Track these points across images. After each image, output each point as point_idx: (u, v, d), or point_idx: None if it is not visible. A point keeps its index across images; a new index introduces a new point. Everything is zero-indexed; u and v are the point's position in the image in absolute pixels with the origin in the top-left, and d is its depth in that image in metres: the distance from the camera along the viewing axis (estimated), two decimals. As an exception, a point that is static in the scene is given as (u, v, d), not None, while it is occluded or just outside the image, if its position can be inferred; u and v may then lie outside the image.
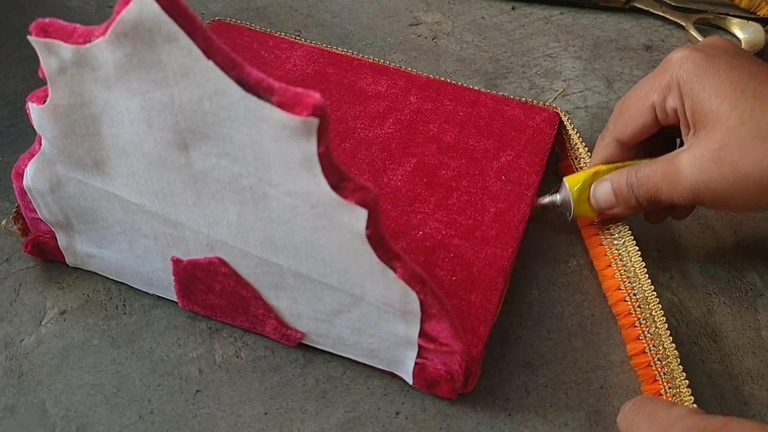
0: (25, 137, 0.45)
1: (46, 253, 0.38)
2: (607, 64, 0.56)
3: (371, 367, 0.36)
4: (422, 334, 0.32)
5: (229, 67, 0.25)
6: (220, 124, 0.27)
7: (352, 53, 0.49)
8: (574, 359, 0.37)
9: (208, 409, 0.34)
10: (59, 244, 0.37)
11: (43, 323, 0.37)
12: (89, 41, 0.27)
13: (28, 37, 0.28)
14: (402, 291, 0.30)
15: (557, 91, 0.53)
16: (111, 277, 0.38)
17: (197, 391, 0.35)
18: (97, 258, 0.37)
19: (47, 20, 0.28)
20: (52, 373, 0.35)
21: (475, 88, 0.47)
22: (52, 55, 0.28)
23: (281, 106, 0.25)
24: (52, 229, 0.36)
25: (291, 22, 0.57)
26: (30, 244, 0.38)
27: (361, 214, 0.27)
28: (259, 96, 0.25)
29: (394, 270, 0.29)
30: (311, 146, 0.26)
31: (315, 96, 0.24)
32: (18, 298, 0.37)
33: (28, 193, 0.35)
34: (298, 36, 0.52)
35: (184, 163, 0.29)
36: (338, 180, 0.27)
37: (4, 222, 0.38)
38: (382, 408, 0.35)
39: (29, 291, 0.38)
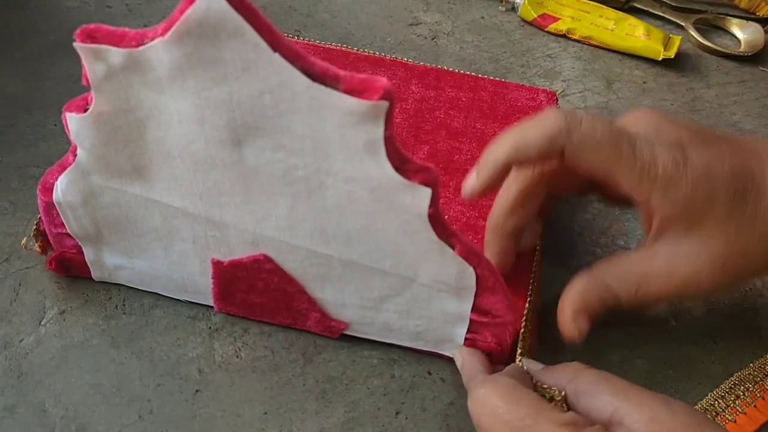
0: (24, 137, 0.45)
1: (71, 269, 0.38)
2: (607, 65, 0.56)
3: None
4: (475, 308, 0.33)
5: (294, 58, 0.26)
6: (279, 116, 0.27)
7: (348, 47, 0.49)
8: (573, 360, 0.37)
9: (208, 409, 0.34)
10: (86, 258, 0.37)
11: (42, 323, 0.37)
12: (143, 44, 0.27)
13: (75, 44, 0.27)
14: (459, 267, 0.31)
15: (557, 91, 0.53)
16: (139, 288, 0.38)
17: (197, 391, 0.35)
18: (126, 269, 0.37)
19: (92, 26, 0.27)
20: (52, 373, 0.35)
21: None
22: (99, 61, 0.28)
23: (349, 92, 0.26)
24: (79, 244, 0.36)
25: (291, 22, 0.57)
26: (54, 261, 0.37)
27: (425, 194, 0.28)
28: (326, 84, 0.26)
29: (453, 247, 0.30)
30: (378, 130, 0.26)
31: (383, 80, 0.25)
32: (18, 297, 0.37)
33: (57, 208, 0.34)
34: (298, 36, 0.52)
35: (235, 161, 0.30)
36: (401, 162, 0.28)
37: (24, 240, 0.37)
38: (382, 408, 0.35)
39: (29, 291, 0.38)
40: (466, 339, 0.35)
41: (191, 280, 0.36)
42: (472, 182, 0.34)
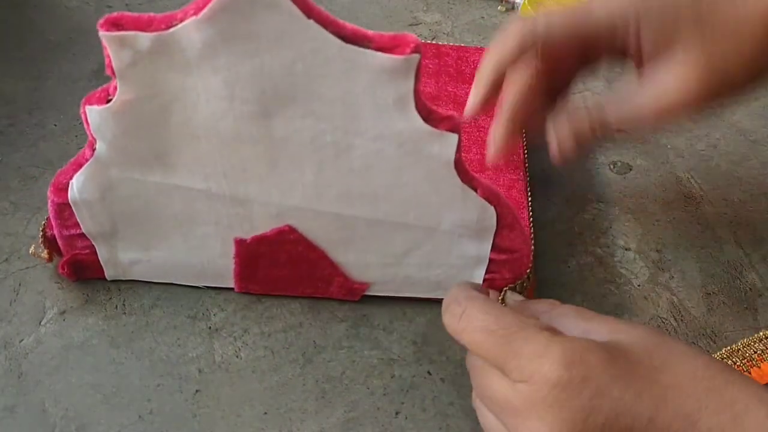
0: (24, 137, 0.45)
1: (83, 271, 0.38)
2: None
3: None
4: (494, 247, 0.35)
5: (327, 23, 0.27)
6: (310, 83, 0.28)
7: None
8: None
9: (208, 408, 0.34)
10: (99, 257, 0.37)
11: (42, 323, 0.37)
12: (172, 26, 0.27)
13: (100, 33, 0.28)
14: (481, 209, 0.33)
15: (557, 91, 0.53)
16: (155, 281, 0.38)
17: (197, 391, 0.35)
18: (142, 263, 0.37)
19: (116, 15, 0.28)
20: (52, 373, 0.35)
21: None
22: (125, 48, 0.28)
23: (381, 50, 0.27)
24: (92, 244, 0.36)
25: (291, 22, 0.57)
26: (66, 265, 0.37)
27: (452, 140, 0.30)
28: (358, 44, 0.27)
29: (475, 189, 0.32)
30: (409, 83, 0.28)
31: (412, 36, 0.27)
32: (18, 298, 0.37)
33: (71, 207, 0.34)
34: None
35: (263, 134, 0.31)
36: (427, 113, 0.29)
37: (32, 248, 0.37)
38: (382, 408, 0.35)
39: (29, 291, 0.38)
40: (484, 280, 0.36)
41: (211, 263, 0.37)
42: (471, 100, 0.37)
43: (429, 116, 0.29)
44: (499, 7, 0.60)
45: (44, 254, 0.37)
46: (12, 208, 0.41)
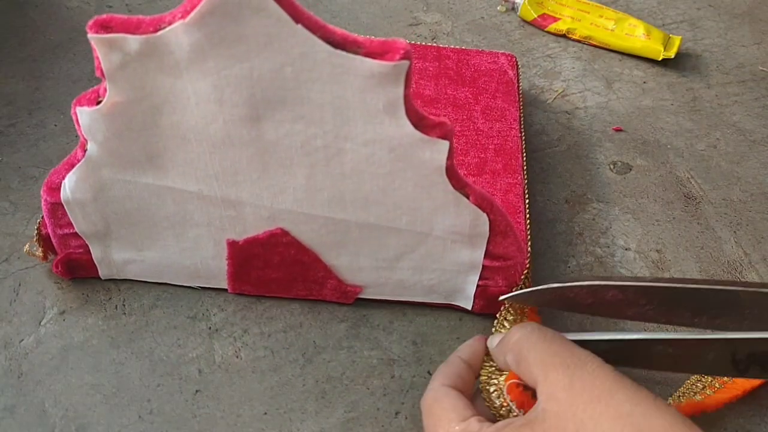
0: (24, 137, 0.45)
1: (77, 270, 0.38)
2: (607, 65, 0.56)
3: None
4: (488, 254, 0.35)
5: (315, 28, 0.27)
6: (300, 87, 0.28)
7: None
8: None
9: (208, 409, 0.34)
10: (93, 256, 0.37)
11: (42, 323, 0.37)
12: (160, 29, 0.27)
13: (89, 36, 0.28)
14: (474, 215, 0.32)
15: (557, 91, 0.53)
16: (149, 280, 0.38)
17: (197, 391, 0.35)
18: (135, 263, 0.37)
19: (105, 16, 0.28)
20: (52, 373, 0.35)
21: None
22: (114, 50, 0.28)
23: (370, 56, 0.27)
24: (86, 243, 0.36)
25: (291, 23, 0.57)
26: (60, 264, 0.37)
27: (443, 147, 0.30)
28: (347, 50, 0.27)
29: (467, 196, 0.32)
30: (398, 90, 0.27)
31: (402, 42, 0.26)
32: (17, 298, 0.37)
33: (64, 207, 0.34)
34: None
35: (254, 137, 0.30)
36: (418, 119, 0.29)
37: (27, 247, 0.37)
38: (382, 408, 0.35)
39: (29, 291, 0.38)
40: (477, 286, 0.36)
41: (204, 264, 0.37)
42: None
43: (420, 122, 0.29)
44: (498, 7, 0.60)
45: (39, 252, 0.37)
46: (12, 208, 0.41)
